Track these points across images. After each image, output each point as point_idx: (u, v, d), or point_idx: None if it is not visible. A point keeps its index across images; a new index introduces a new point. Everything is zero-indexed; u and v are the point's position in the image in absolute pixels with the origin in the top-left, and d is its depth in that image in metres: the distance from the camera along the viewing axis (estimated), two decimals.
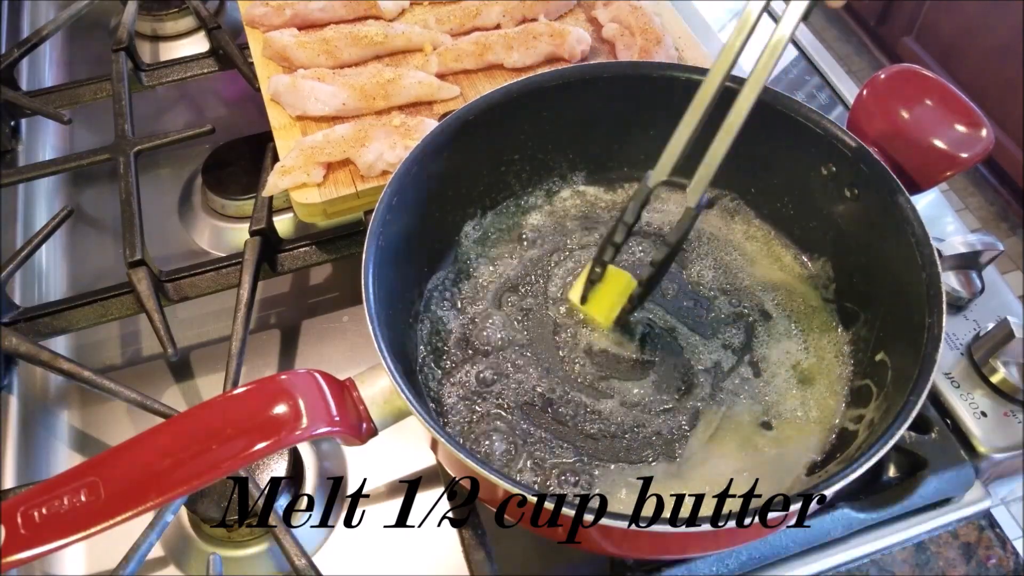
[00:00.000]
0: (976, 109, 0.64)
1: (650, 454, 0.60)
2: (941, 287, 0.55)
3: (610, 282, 0.63)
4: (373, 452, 0.66)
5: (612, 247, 0.61)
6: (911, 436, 0.64)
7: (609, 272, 0.63)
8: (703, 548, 0.57)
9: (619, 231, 0.60)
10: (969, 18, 2.16)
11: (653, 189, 0.59)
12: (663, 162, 0.58)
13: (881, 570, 0.63)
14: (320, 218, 0.75)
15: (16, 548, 0.45)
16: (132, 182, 0.80)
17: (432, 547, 0.65)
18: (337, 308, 0.80)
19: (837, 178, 0.65)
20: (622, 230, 0.60)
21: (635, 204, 0.59)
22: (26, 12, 1.09)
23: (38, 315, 0.75)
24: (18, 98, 0.92)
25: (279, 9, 0.86)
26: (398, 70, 0.81)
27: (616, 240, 0.60)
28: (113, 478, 0.47)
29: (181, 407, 0.71)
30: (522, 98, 0.68)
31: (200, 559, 0.64)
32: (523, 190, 0.74)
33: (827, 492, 0.48)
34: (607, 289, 0.64)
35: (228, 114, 1.01)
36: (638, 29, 0.83)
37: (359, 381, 0.54)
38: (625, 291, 0.63)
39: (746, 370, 0.65)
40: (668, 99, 0.69)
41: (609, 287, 0.63)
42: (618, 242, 0.60)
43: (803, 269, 0.70)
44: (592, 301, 0.64)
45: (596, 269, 0.62)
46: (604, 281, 0.63)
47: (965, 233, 0.75)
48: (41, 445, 0.72)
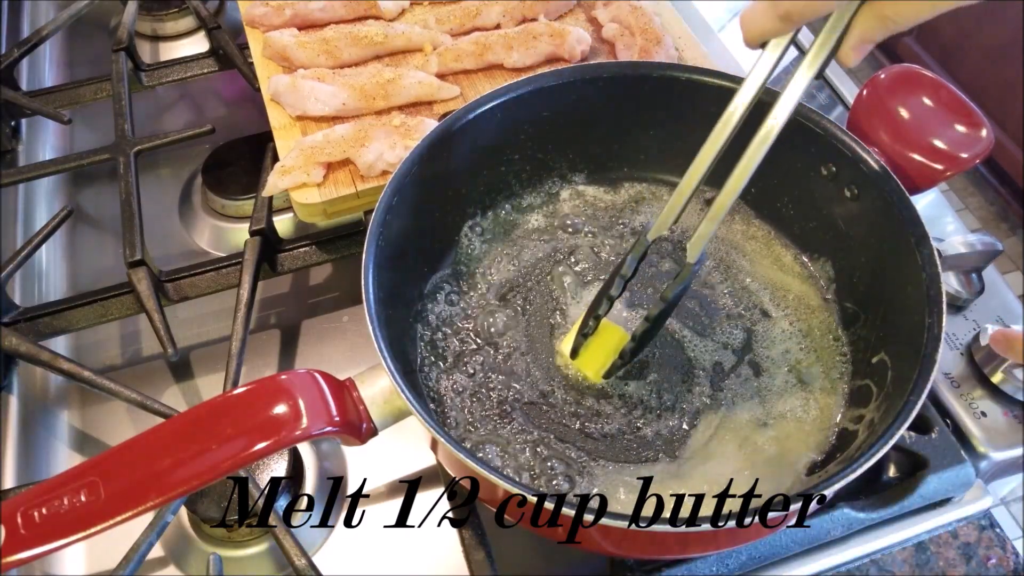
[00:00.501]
0: (976, 109, 0.64)
1: (650, 454, 0.60)
2: (941, 287, 0.55)
3: (603, 336, 0.62)
4: (373, 452, 0.66)
5: (607, 301, 0.60)
6: (911, 436, 0.64)
7: (603, 326, 0.62)
8: (703, 548, 0.57)
9: (615, 285, 0.59)
10: (969, 18, 2.16)
11: (652, 244, 0.58)
12: (663, 217, 0.57)
13: (881, 570, 0.63)
14: (320, 218, 0.74)
15: (16, 548, 0.45)
16: (132, 182, 0.80)
17: (432, 547, 0.65)
18: (337, 308, 0.80)
19: (837, 178, 0.65)
20: (619, 284, 0.59)
21: (632, 258, 0.59)
22: (26, 12, 1.09)
23: (38, 315, 0.75)
24: (18, 98, 0.92)
25: (279, 9, 0.86)
26: (398, 70, 0.81)
27: (612, 294, 0.60)
28: (113, 478, 0.47)
29: (181, 407, 0.71)
30: (522, 98, 0.68)
31: (200, 559, 0.64)
32: (523, 190, 0.74)
33: (827, 492, 0.48)
34: (599, 343, 0.62)
35: (228, 114, 1.01)
36: (638, 29, 0.83)
37: (359, 381, 0.54)
38: (618, 346, 0.61)
39: (746, 370, 0.65)
40: (668, 99, 0.70)
41: (602, 341, 0.62)
42: (614, 296, 0.60)
43: (803, 269, 0.70)
44: (584, 355, 0.63)
45: (590, 322, 0.61)
46: (597, 335, 0.62)
47: (965, 233, 0.75)
48: (41, 445, 0.72)
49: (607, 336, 0.62)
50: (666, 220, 0.57)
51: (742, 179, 0.53)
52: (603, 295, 0.60)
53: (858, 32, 0.48)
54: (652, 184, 0.76)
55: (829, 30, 0.49)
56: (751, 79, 0.53)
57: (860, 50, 0.49)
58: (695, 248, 0.56)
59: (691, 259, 0.56)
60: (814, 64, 0.50)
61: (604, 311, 0.61)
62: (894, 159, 0.64)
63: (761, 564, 0.61)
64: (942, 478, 0.63)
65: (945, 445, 0.64)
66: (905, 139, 0.64)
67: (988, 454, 0.65)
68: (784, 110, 0.52)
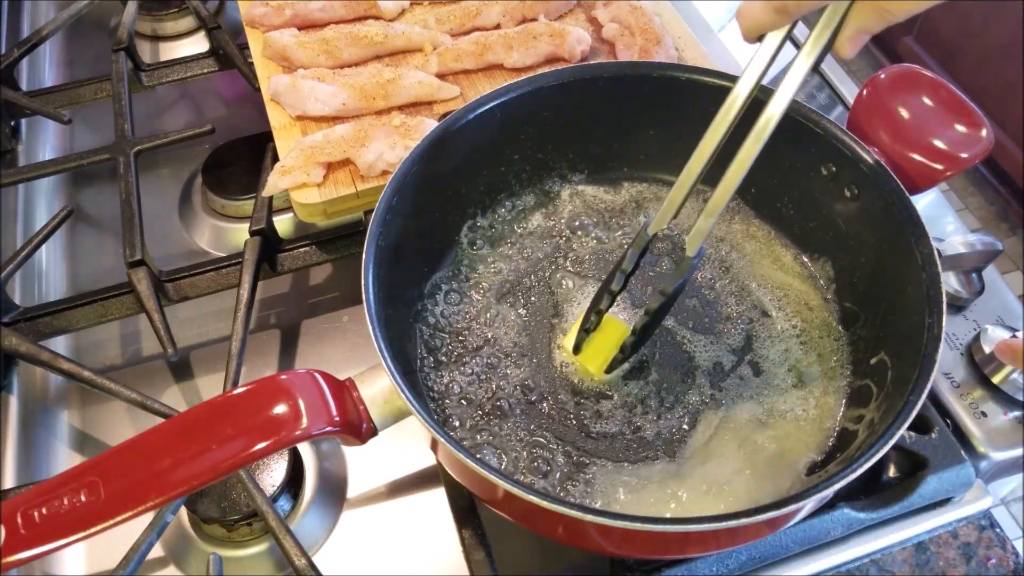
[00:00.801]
0: (976, 109, 0.64)
1: (650, 454, 0.60)
2: (941, 287, 0.55)
3: (605, 331, 0.62)
4: (373, 452, 0.66)
5: (609, 296, 0.60)
6: (911, 436, 0.64)
7: (605, 321, 0.62)
8: (703, 548, 0.57)
9: (616, 280, 0.59)
10: (969, 18, 2.16)
11: (652, 238, 0.58)
12: (663, 211, 0.57)
13: (881, 570, 0.63)
14: (320, 218, 0.74)
15: (16, 548, 0.45)
16: (132, 182, 0.80)
17: (432, 547, 0.65)
18: (337, 308, 0.80)
19: (837, 178, 0.65)
20: (619, 278, 0.59)
21: (633, 252, 0.59)
22: (26, 12, 1.09)
23: (38, 315, 0.75)
24: (18, 98, 0.92)
25: (279, 9, 0.86)
26: (398, 70, 0.81)
27: (613, 289, 0.59)
28: (113, 478, 0.47)
29: (181, 407, 0.71)
30: (522, 98, 0.68)
31: (200, 559, 0.64)
32: (523, 190, 0.74)
33: (827, 492, 0.48)
34: (602, 338, 0.62)
35: (228, 114, 1.01)
36: (638, 29, 0.83)
37: (359, 381, 0.54)
38: (620, 341, 0.61)
39: (746, 370, 0.65)
40: (668, 99, 0.70)
41: (604, 336, 0.62)
42: (615, 291, 0.60)
43: (803, 269, 0.70)
44: (586, 351, 0.63)
45: (592, 318, 0.61)
46: (600, 330, 0.62)
47: (965, 233, 0.75)
48: (41, 445, 0.72)
49: (609, 331, 0.62)
50: (666, 214, 0.57)
51: (740, 172, 0.53)
52: (604, 290, 0.60)
53: (854, 23, 0.48)
54: (652, 184, 0.76)
55: (825, 22, 0.49)
56: (748, 73, 0.53)
57: (857, 41, 0.49)
58: (694, 242, 0.56)
59: (690, 253, 0.56)
60: (811, 55, 0.50)
61: (606, 306, 0.61)
62: (894, 159, 0.64)
63: (761, 564, 0.61)
64: (942, 478, 0.63)
65: (945, 445, 0.64)
66: (905, 139, 0.64)
67: (988, 454, 0.65)
68: (781, 102, 0.51)
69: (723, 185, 0.54)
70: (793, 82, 0.51)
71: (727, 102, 0.54)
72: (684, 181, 0.56)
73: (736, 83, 0.53)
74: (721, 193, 0.54)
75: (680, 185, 0.56)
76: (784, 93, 0.52)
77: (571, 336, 0.64)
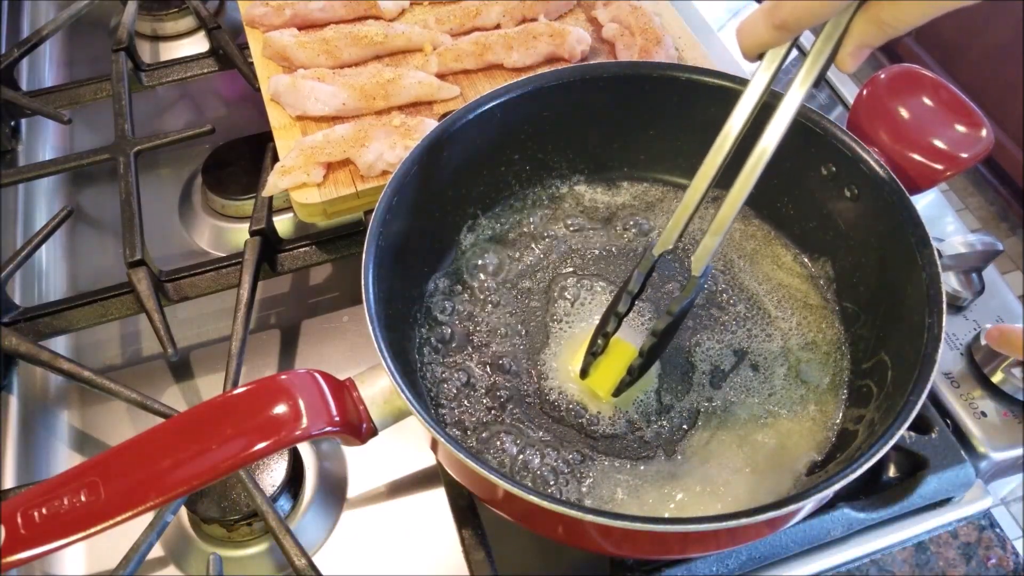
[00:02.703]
0: (976, 109, 0.64)
1: (650, 454, 0.60)
2: (941, 287, 0.55)
3: (613, 354, 0.61)
4: (373, 452, 0.66)
5: (616, 318, 0.59)
6: (911, 436, 0.64)
7: (612, 344, 0.61)
8: (703, 548, 0.57)
9: (623, 301, 0.58)
10: (969, 18, 2.16)
11: (658, 259, 0.58)
12: (668, 232, 0.56)
13: (881, 570, 0.63)
14: (320, 218, 0.75)
15: (16, 548, 0.45)
16: (132, 182, 0.80)
17: (432, 547, 0.65)
18: (337, 308, 0.80)
19: (837, 178, 0.65)
20: (626, 300, 0.58)
21: (639, 274, 0.58)
22: (26, 12, 1.09)
23: (38, 315, 0.75)
24: (18, 98, 0.92)
25: (279, 9, 0.86)
26: (398, 70, 0.81)
27: (620, 311, 0.58)
28: (113, 478, 0.47)
29: (181, 407, 0.71)
30: (522, 98, 0.68)
31: (200, 559, 0.64)
32: (523, 190, 0.74)
33: (827, 492, 0.48)
34: (609, 362, 0.61)
35: (228, 114, 1.01)
36: (638, 29, 0.83)
37: (359, 381, 0.54)
38: (628, 363, 0.60)
39: (746, 370, 0.65)
40: (668, 99, 0.70)
41: (612, 359, 0.61)
42: (621, 312, 0.59)
43: (803, 269, 0.70)
44: (594, 375, 0.62)
45: (598, 341, 0.60)
46: (607, 353, 0.61)
47: (965, 233, 0.75)
48: (41, 445, 0.72)
49: (617, 354, 0.61)
50: (671, 235, 0.56)
51: (742, 192, 0.52)
52: (610, 312, 0.59)
53: (855, 38, 0.48)
54: (652, 184, 0.76)
55: (826, 37, 0.48)
56: (748, 94, 0.52)
57: (858, 55, 0.49)
58: (699, 262, 0.55)
59: (696, 272, 0.55)
60: (812, 71, 0.50)
61: (613, 329, 0.60)
62: (894, 159, 0.64)
63: (761, 564, 0.61)
64: (942, 478, 0.63)
65: (945, 445, 0.64)
66: (905, 139, 0.64)
67: (988, 454, 0.65)
68: (784, 118, 0.51)
69: (726, 205, 0.53)
70: (795, 99, 0.51)
71: (726, 127, 0.53)
72: (689, 200, 0.55)
73: (742, 90, 0.52)
74: (724, 214, 0.53)
75: (685, 205, 0.55)
76: (786, 110, 0.51)
77: (577, 360, 0.63)
